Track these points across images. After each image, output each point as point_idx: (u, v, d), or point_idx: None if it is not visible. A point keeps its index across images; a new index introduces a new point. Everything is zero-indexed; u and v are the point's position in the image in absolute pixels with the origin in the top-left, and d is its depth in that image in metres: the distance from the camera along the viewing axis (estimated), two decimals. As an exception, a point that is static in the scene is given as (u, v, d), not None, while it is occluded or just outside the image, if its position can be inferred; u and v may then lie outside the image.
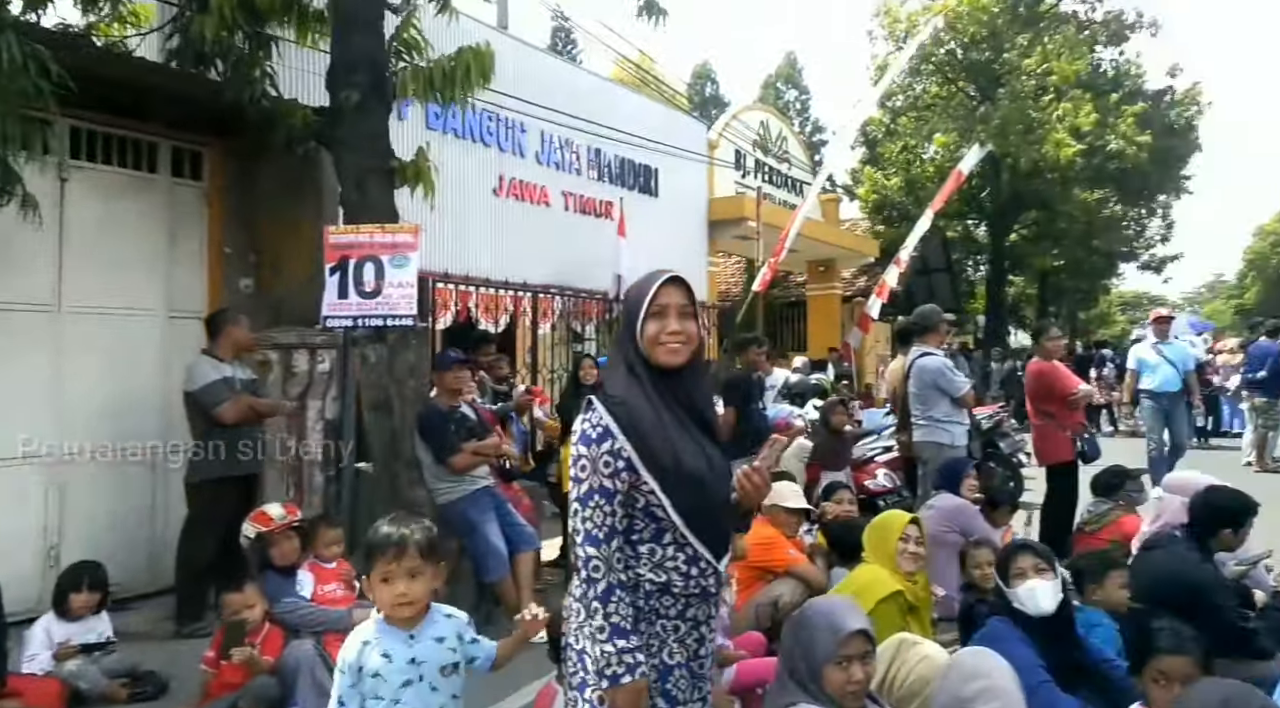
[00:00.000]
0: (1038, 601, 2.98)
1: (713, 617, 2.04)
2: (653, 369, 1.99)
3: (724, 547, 2.04)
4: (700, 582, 1.97)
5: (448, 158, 9.31)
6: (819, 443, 5.84)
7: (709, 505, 1.98)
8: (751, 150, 15.86)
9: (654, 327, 1.98)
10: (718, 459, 2.04)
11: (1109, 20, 19.82)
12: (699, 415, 2.05)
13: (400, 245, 4.97)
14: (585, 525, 1.92)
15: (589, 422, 1.96)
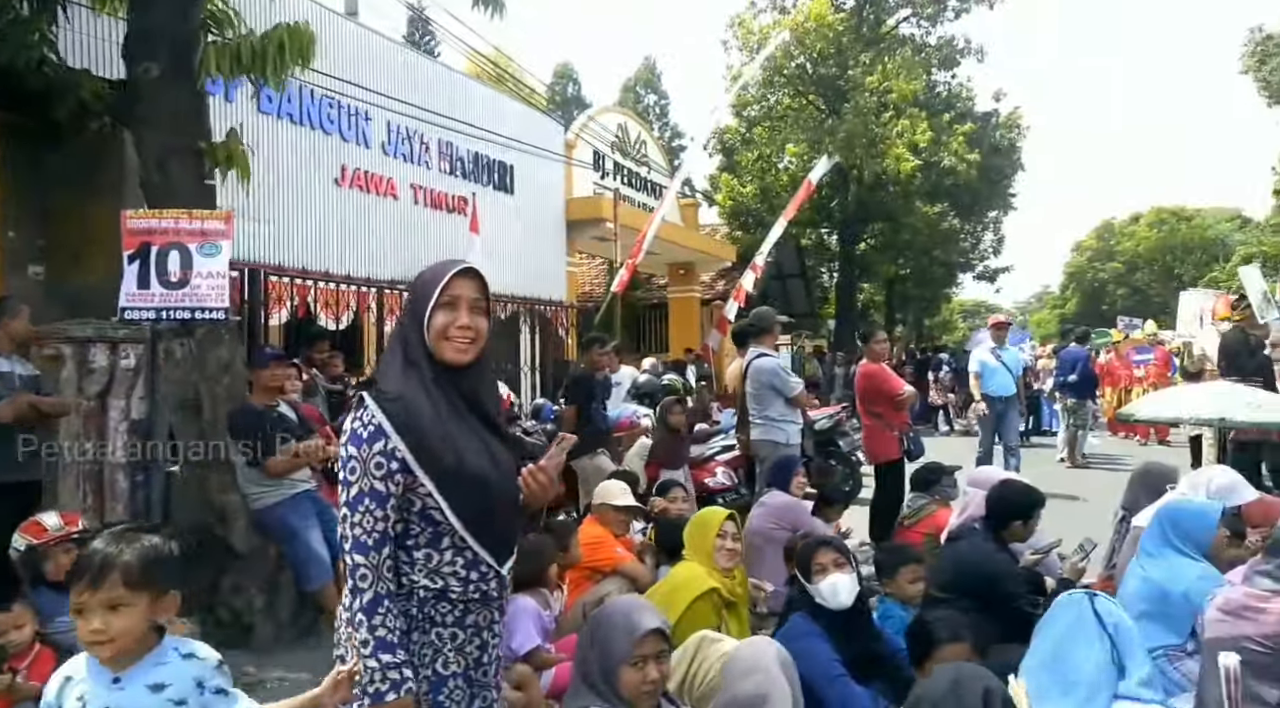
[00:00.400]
0: (837, 594, 3.05)
1: (496, 622, 1.97)
2: (436, 364, 1.88)
3: (508, 550, 1.97)
4: (480, 587, 1.88)
5: (284, 145, 8.84)
6: (657, 442, 5.86)
7: (492, 507, 1.90)
8: (610, 152, 15.91)
9: (443, 319, 1.86)
10: (504, 459, 1.96)
11: (941, 45, 21.19)
12: (484, 413, 1.96)
13: (210, 233, 4.60)
14: (354, 532, 1.79)
15: (360, 420, 1.83)
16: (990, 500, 3.93)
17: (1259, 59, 25.56)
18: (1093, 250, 55.45)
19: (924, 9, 20.54)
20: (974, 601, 3.62)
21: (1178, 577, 3.16)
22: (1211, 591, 2.95)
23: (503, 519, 1.94)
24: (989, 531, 3.86)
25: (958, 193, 21.75)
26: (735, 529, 3.63)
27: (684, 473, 5.78)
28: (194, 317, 4.63)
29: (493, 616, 1.95)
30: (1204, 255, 43.20)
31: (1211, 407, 4.45)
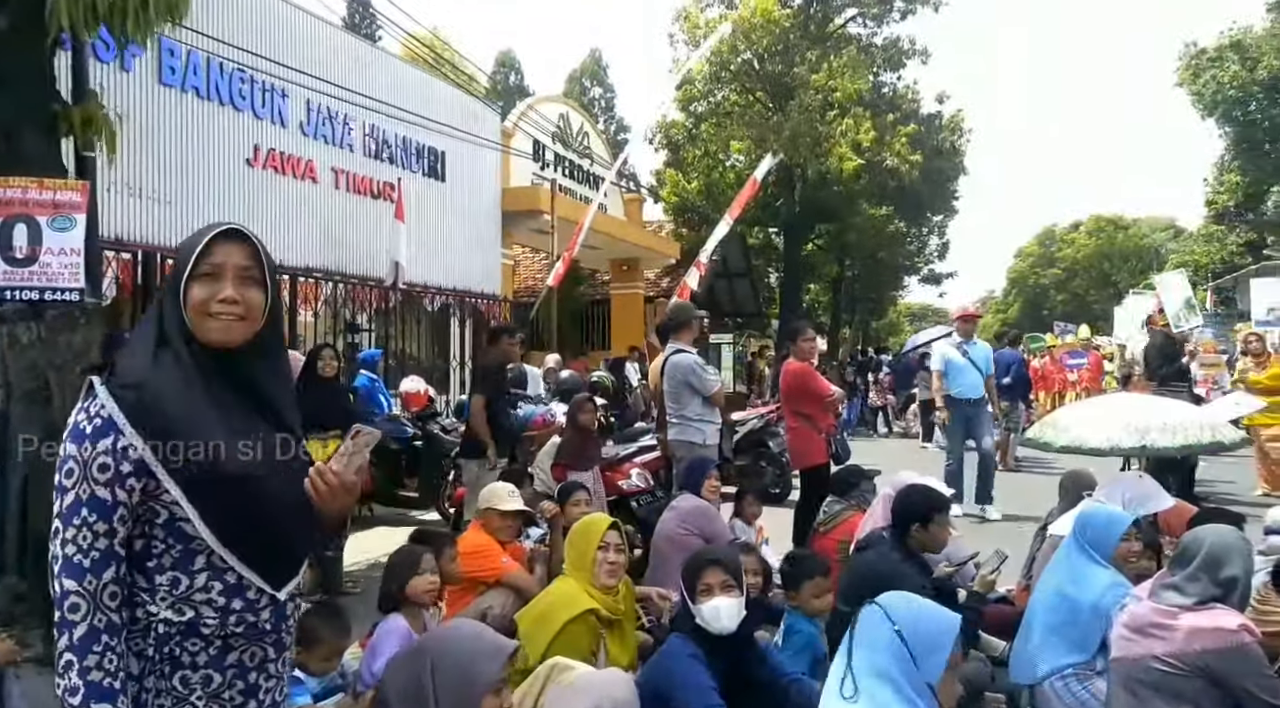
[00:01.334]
0: (719, 619, 2.76)
1: (272, 661, 1.61)
2: (196, 345, 1.56)
3: (289, 569, 1.63)
4: (245, 618, 1.55)
5: (189, 120, 8.32)
6: (565, 441, 5.54)
7: (264, 518, 1.56)
8: (551, 143, 15.54)
9: (202, 291, 1.54)
10: (289, 460, 1.62)
11: (887, 45, 21.26)
12: (264, 405, 1.62)
13: (63, 205, 4.17)
14: (65, 551, 1.45)
15: (85, 412, 1.50)
16: (894, 506, 3.70)
17: (1193, 72, 26.21)
18: (1035, 256, 56.65)
19: (870, 9, 20.56)
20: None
21: (1087, 586, 2.96)
22: (1121, 601, 2.74)
23: (280, 533, 1.59)
24: (896, 538, 3.63)
25: (901, 195, 21.83)
26: (619, 540, 3.31)
27: (593, 475, 5.46)
28: (43, 297, 4.19)
29: (265, 653, 1.59)
30: (1139, 263, 44.36)
31: (1130, 437, 4.30)
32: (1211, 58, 26.09)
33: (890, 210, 23.12)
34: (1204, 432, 4.29)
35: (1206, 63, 26.15)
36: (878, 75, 21.42)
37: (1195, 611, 2.44)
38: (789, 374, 6.27)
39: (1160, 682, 2.54)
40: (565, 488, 4.61)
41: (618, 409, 10.23)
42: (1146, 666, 2.57)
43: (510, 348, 5.64)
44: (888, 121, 19.41)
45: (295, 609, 1.68)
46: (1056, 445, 4.62)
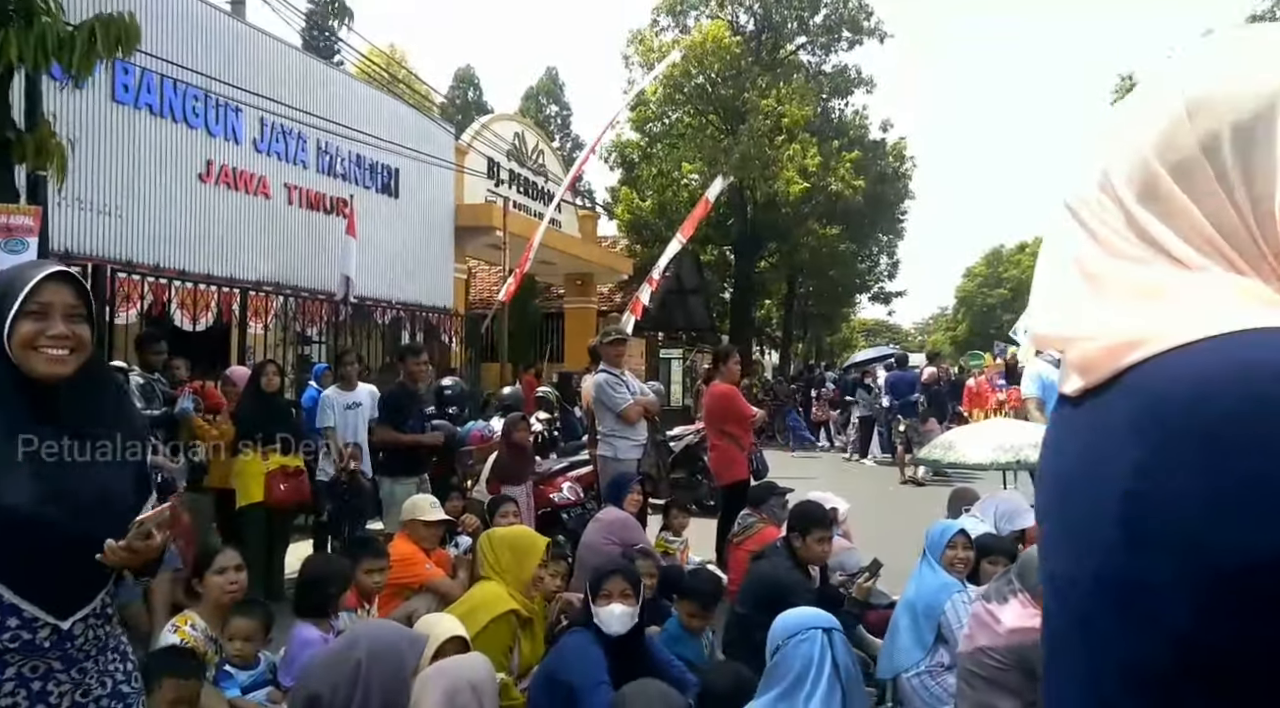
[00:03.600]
0: (612, 623, 3.12)
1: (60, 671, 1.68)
2: (18, 378, 1.65)
3: (74, 600, 1.69)
4: (20, 635, 1.62)
5: (141, 137, 8.50)
6: (499, 458, 5.85)
7: (50, 550, 1.64)
8: (506, 160, 15.85)
9: (31, 327, 1.63)
10: (100, 490, 1.70)
11: (835, 73, 21.99)
12: (80, 436, 1.70)
13: (16, 228, 4.40)
14: None
15: None
16: (787, 519, 4.09)
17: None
18: (982, 276, 58.18)
19: (818, 38, 21.26)
20: (769, 614, 3.77)
21: (922, 589, 3.37)
22: (950, 600, 3.15)
23: (70, 566, 1.67)
24: (788, 549, 4.02)
25: (849, 216, 22.53)
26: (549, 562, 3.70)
27: (525, 489, 5.78)
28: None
29: (50, 665, 1.67)
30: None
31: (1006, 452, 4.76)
32: (1145, 91, 27.24)
33: (839, 231, 23.83)
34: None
35: (1140, 95, 27.29)
36: (826, 101, 22.12)
37: (1010, 607, 2.85)
38: (714, 396, 6.67)
39: (987, 673, 2.94)
40: (494, 501, 4.94)
41: (563, 422, 10.57)
42: (977, 659, 2.98)
43: (417, 368, 5.89)
44: (833, 147, 20.08)
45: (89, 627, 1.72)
46: (944, 462, 5.07)
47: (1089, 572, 0.74)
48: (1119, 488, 0.69)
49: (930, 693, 3.44)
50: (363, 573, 3.59)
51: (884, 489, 11.33)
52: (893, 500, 10.40)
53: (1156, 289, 0.73)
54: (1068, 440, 0.80)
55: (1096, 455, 0.73)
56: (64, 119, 6.66)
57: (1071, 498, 0.77)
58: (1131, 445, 0.68)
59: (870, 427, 15.72)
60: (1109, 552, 0.70)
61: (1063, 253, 0.82)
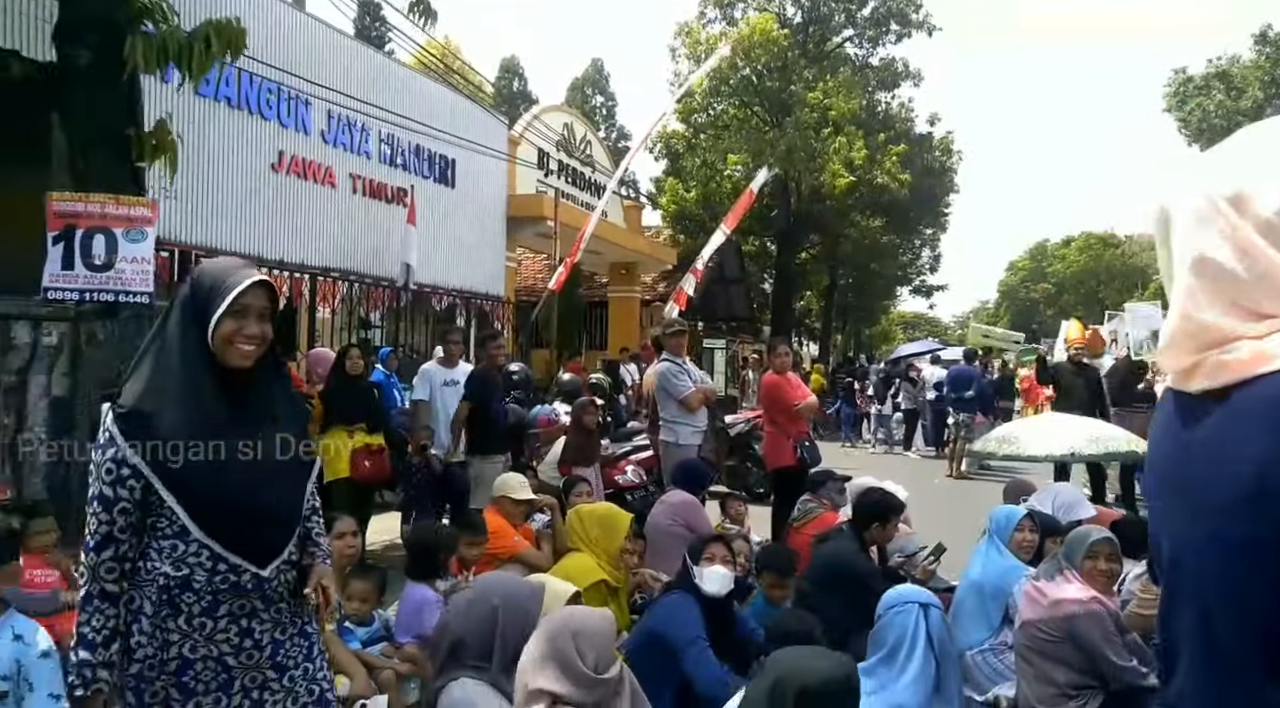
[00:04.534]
0: (713, 582, 3.40)
1: (263, 609, 1.95)
2: (213, 367, 1.92)
3: (269, 552, 1.95)
4: (230, 578, 1.90)
5: (220, 129, 8.88)
6: (570, 441, 6.14)
7: (244, 508, 1.92)
8: (555, 151, 16.12)
9: (231, 325, 1.89)
10: (281, 460, 1.99)
11: (882, 66, 21.94)
12: (263, 416, 1.99)
13: (136, 219, 4.75)
14: (85, 531, 1.87)
15: (102, 427, 1.89)
16: (854, 506, 4.31)
17: (1179, 99, 26.91)
18: (1026, 270, 57.47)
19: (865, 31, 21.24)
20: (834, 594, 4.01)
21: (990, 572, 3.57)
22: (1016, 583, 3.36)
23: (259, 524, 1.94)
24: (854, 532, 4.24)
25: (893, 209, 22.51)
26: (632, 536, 3.98)
27: (594, 471, 6.06)
28: (118, 299, 4.76)
29: (254, 605, 1.94)
30: (1126, 282, 45.10)
31: (1061, 446, 4.93)
32: (1198, 86, 26.81)
33: (883, 223, 23.83)
34: (1125, 443, 4.93)
35: (1193, 90, 26.87)
36: (872, 94, 22.09)
37: (1057, 584, 3.06)
38: (764, 386, 6.90)
39: (1039, 646, 3.16)
40: (569, 482, 5.22)
41: (613, 410, 10.85)
42: (1029, 633, 3.19)
43: (496, 353, 6.20)
44: (879, 140, 20.08)
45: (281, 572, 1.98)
46: (999, 454, 5.25)
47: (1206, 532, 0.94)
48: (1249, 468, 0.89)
49: (992, 668, 3.65)
50: (464, 545, 3.89)
51: (929, 482, 11.47)
52: (939, 493, 10.54)
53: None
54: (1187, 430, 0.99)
55: (1224, 442, 0.93)
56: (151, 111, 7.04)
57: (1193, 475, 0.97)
58: (1261, 435, 0.89)
59: (915, 420, 15.81)
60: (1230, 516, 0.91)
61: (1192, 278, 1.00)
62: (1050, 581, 3.10)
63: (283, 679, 1.99)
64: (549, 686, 2.27)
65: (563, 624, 2.44)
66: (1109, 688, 3.01)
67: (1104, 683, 3.03)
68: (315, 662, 2.08)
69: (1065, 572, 3.06)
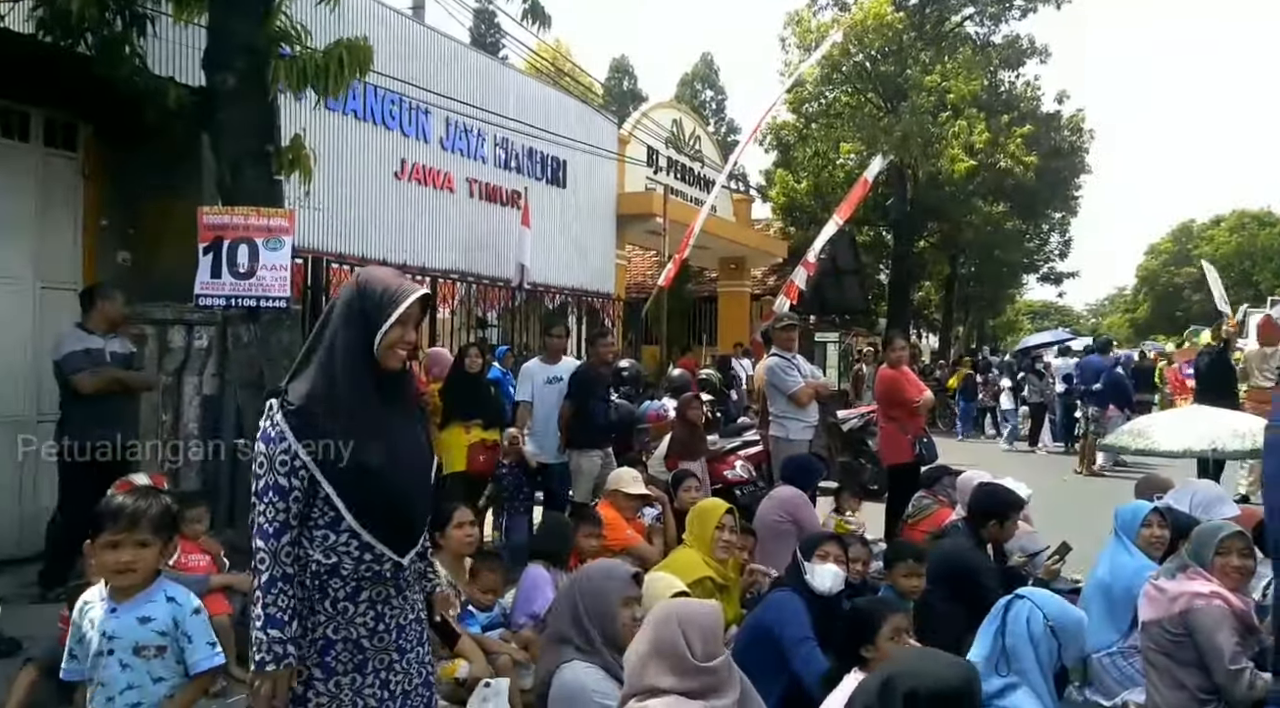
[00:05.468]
0: (824, 579, 3.41)
1: (394, 596, 2.14)
2: (372, 369, 2.08)
3: (409, 541, 2.16)
4: (373, 568, 2.08)
5: (347, 140, 9.39)
6: (675, 435, 6.20)
7: (393, 504, 2.09)
8: (664, 147, 16.21)
9: (398, 334, 2.09)
10: (418, 455, 2.20)
11: (1005, 44, 20.92)
12: (410, 412, 2.23)
13: (275, 229, 5.11)
14: (259, 520, 2.02)
15: (269, 423, 2.05)
16: (971, 503, 4.19)
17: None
18: (1168, 254, 53.67)
19: (988, 7, 20.32)
20: (951, 591, 3.91)
21: (1119, 574, 3.41)
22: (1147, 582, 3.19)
23: (405, 515, 2.14)
24: (970, 530, 4.13)
25: (1018, 193, 21.48)
26: (733, 522, 3.98)
27: (700, 465, 6.11)
28: (259, 304, 5.14)
29: (388, 592, 2.12)
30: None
31: (1202, 440, 4.61)
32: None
33: (1006, 209, 22.78)
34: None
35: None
36: (995, 74, 21.12)
37: (1178, 580, 2.89)
38: (880, 380, 6.75)
39: (1163, 647, 2.99)
40: (678, 476, 5.28)
41: (723, 405, 10.85)
42: (1152, 634, 3.03)
43: (604, 350, 6.29)
44: (1002, 122, 19.19)
45: (413, 562, 2.20)
46: (1131, 449, 4.96)
47: None
48: None
49: (1121, 673, 3.49)
50: (582, 537, 4.02)
51: (1057, 478, 10.94)
52: (1067, 491, 10.05)
53: None
54: None
55: None
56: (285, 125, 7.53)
57: None
58: None
59: (1042, 414, 15.09)
60: None
61: None
62: (1172, 579, 2.94)
63: (403, 661, 2.16)
64: (656, 680, 2.31)
65: (669, 615, 2.49)
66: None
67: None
68: (424, 646, 2.26)
69: (1190, 569, 2.89)
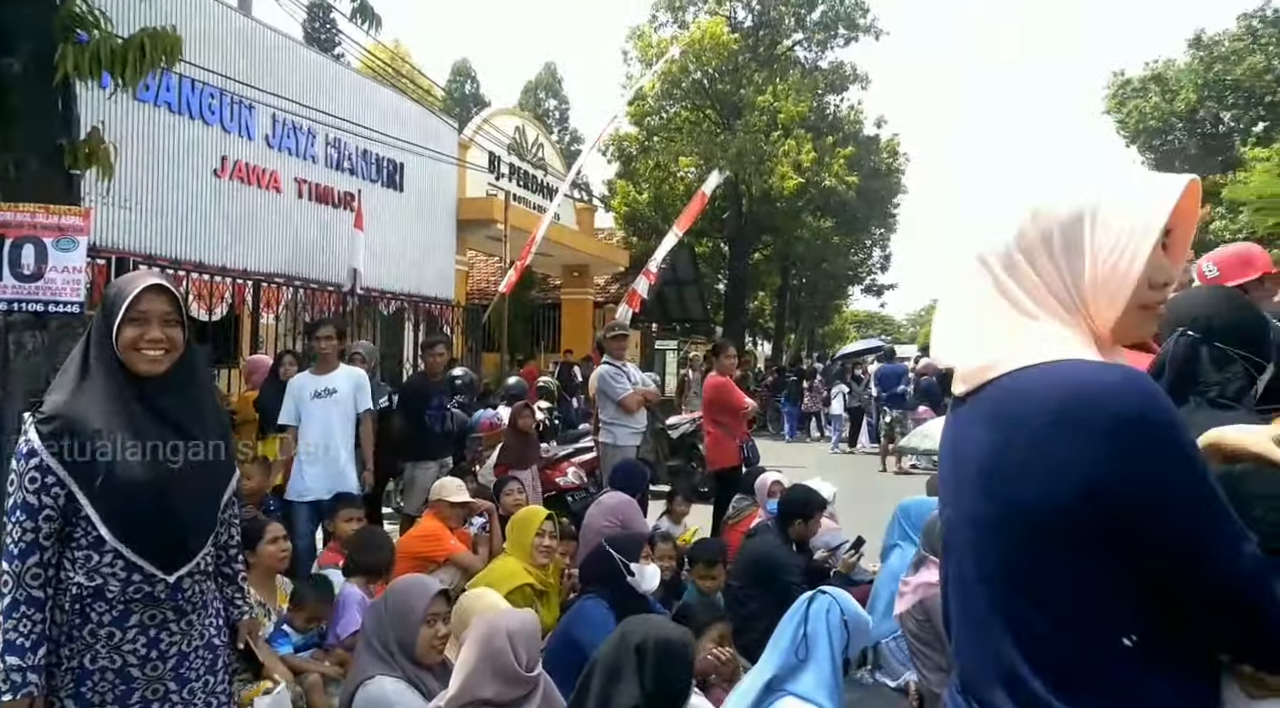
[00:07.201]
0: (650, 579, 3.56)
1: (173, 620, 2.00)
2: (125, 375, 1.97)
3: (181, 557, 2.01)
4: (144, 588, 1.96)
5: (160, 135, 8.82)
6: (506, 444, 6.24)
7: (159, 518, 1.97)
8: (506, 154, 16.17)
9: (132, 332, 1.96)
10: (197, 468, 2.03)
11: (831, 69, 22.35)
12: (180, 423, 2.03)
13: (68, 228, 4.74)
14: (6, 540, 1.91)
15: (23, 437, 1.95)
16: (779, 503, 4.49)
17: (1118, 101, 27.75)
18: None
19: (815, 34, 21.61)
20: (757, 588, 4.19)
21: (903, 562, 3.77)
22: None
23: (175, 530, 1.99)
24: (778, 528, 4.42)
25: (842, 210, 22.92)
26: (553, 528, 4.07)
27: (531, 473, 6.17)
28: (48, 309, 4.75)
29: (164, 616, 1.98)
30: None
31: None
32: (1135, 88, 27.66)
33: (833, 224, 24.26)
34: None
35: (1131, 93, 27.72)
36: (822, 97, 22.48)
37: (918, 573, 3.26)
38: (710, 387, 7.06)
39: (917, 633, 3.36)
40: (499, 482, 5.33)
41: (563, 411, 10.96)
42: (904, 623, 3.40)
43: (436, 360, 6.24)
44: (827, 143, 20.45)
45: (195, 583, 2.05)
46: (921, 450, 5.47)
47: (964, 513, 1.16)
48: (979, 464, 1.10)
49: (904, 653, 3.85)
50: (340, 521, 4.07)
51: (870, 477, 11.75)
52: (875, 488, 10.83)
53: (1011, 331, 1.13)
54: (955, 428, 1.21)
55: (969, 438, 1.14)
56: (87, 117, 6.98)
57: (958, 465, 1.18)
58: (986, 435, 1.10)
59: (860, 417, 16.18)
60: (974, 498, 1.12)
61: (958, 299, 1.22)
62: (915, 572, 3.29)
63: (182, 692, 2.02)
64: (483, 690, 2.35)
65: (498, 627, 2.55)
66: None
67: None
68: (218, 675, 2.12)
69: (928, 561, 3.25)
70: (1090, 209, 1.13)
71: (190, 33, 8.90)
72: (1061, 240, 1.12)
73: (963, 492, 1.15)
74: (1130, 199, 1.13)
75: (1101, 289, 1.12)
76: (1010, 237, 1.14)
